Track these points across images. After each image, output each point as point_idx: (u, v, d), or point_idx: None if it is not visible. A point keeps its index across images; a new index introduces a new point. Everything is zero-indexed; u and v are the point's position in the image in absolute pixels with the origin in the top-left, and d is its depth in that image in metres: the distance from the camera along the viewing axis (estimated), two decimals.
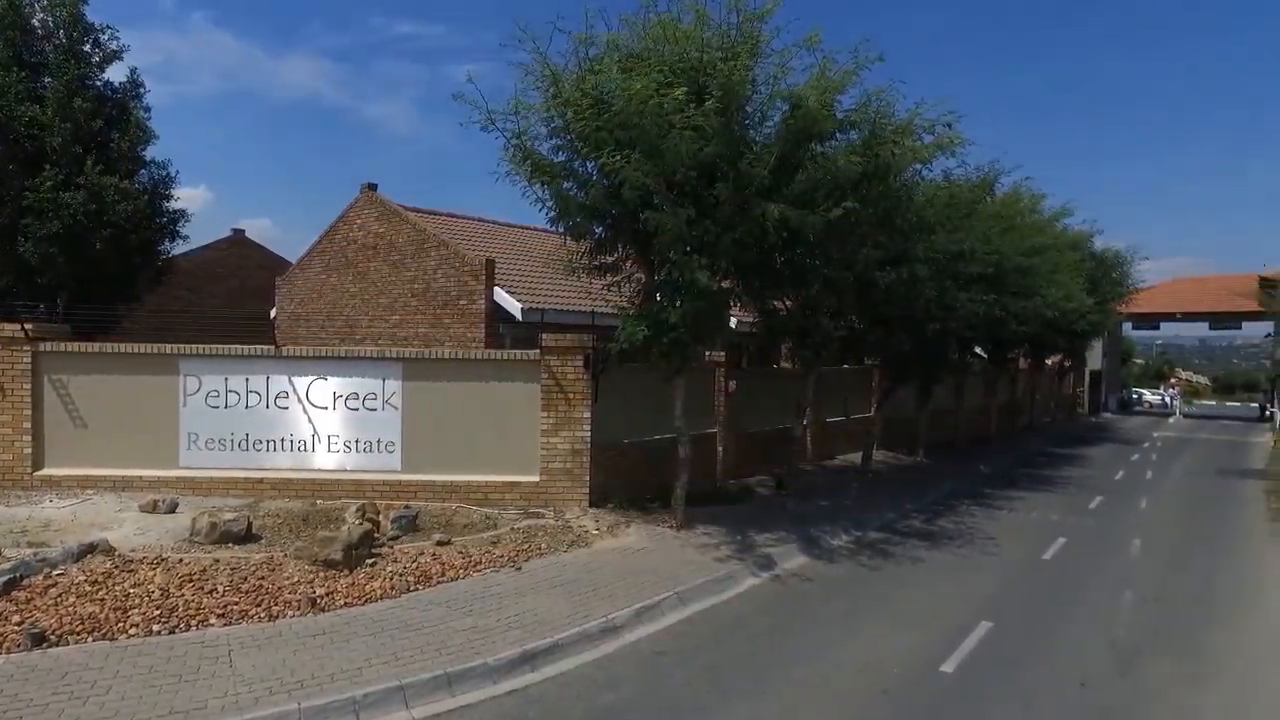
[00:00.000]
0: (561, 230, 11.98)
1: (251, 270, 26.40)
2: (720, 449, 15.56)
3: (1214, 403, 77.12)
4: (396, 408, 12.23)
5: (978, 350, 26.21)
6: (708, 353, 15.01)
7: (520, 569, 9.48)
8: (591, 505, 12.35)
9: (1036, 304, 19.78)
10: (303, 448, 12.11)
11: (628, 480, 13.27)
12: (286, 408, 12.11)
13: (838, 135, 11.30)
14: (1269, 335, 45.78)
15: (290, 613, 7.67)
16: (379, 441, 12.20)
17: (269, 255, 27.39)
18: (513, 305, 16.14)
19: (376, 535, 9.82)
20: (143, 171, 19.47)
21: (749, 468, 16.50)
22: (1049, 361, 36.47)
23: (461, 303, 16.76)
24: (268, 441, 12.07)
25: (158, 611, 7.40)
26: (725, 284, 11.91)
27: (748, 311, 15.43)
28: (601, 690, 6.81)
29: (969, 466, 21.08)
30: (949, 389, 24.84)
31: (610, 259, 12.82)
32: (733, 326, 17.11)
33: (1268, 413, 47.46)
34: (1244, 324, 49.25)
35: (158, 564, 8.58)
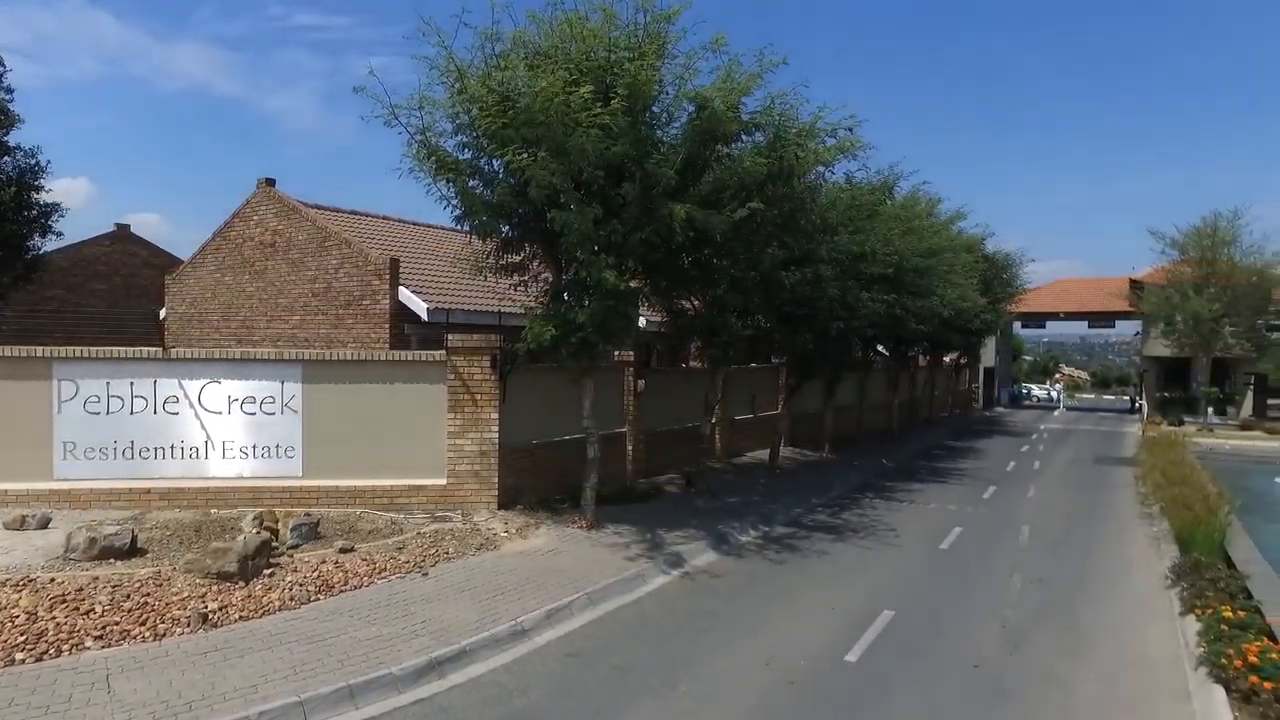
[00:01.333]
0: (467, 229, 11.78)
1: (137, 268, 24.96)
2: (630, 448, 15.61)
3: (1093, 396, 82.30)
4: (297, 411, 11.76)
5: (880, 348, 27.12)
6: (616, 352, 15.03)
7: (427, 574, 9.26)
8: (501, 507, 12.18)
9: (934, 303, 20.59)
10: (195, 455, 11.50)
11: (537, 481, 13.17)
12: (177, 413, 11.48)
13: (743, 137, 11.50)
14: (1138, 333, 49.12)
15: (179, 630, 7.27)
16: (278, 447, 11.71)
17: (157, 252, 25.94)
18: (418, 305, 15.76)
19: (275, 544, 9.42)
20: (6, 159, 18.09)
21: (659, 466, 16.61)
22: (946, 359, 38.08)
23: (365, 303, 16.27)
24: (156, 449, 11.40)
25: (22, 638, 6.81)
26: (633, 283, 11.94)
27: (656, 311, 15.53)
28: (511, 695, 6.71)
29: (872, 461, 21.79)
30: (853, 386, 25.64)
31: (517, 258, 12.69)
32: (642, 326, 17.21)
33: (1136, 404, 50.95)
34: (1117, 323, 52.81)
35: (24, 585, 7.94)
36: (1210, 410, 36.97)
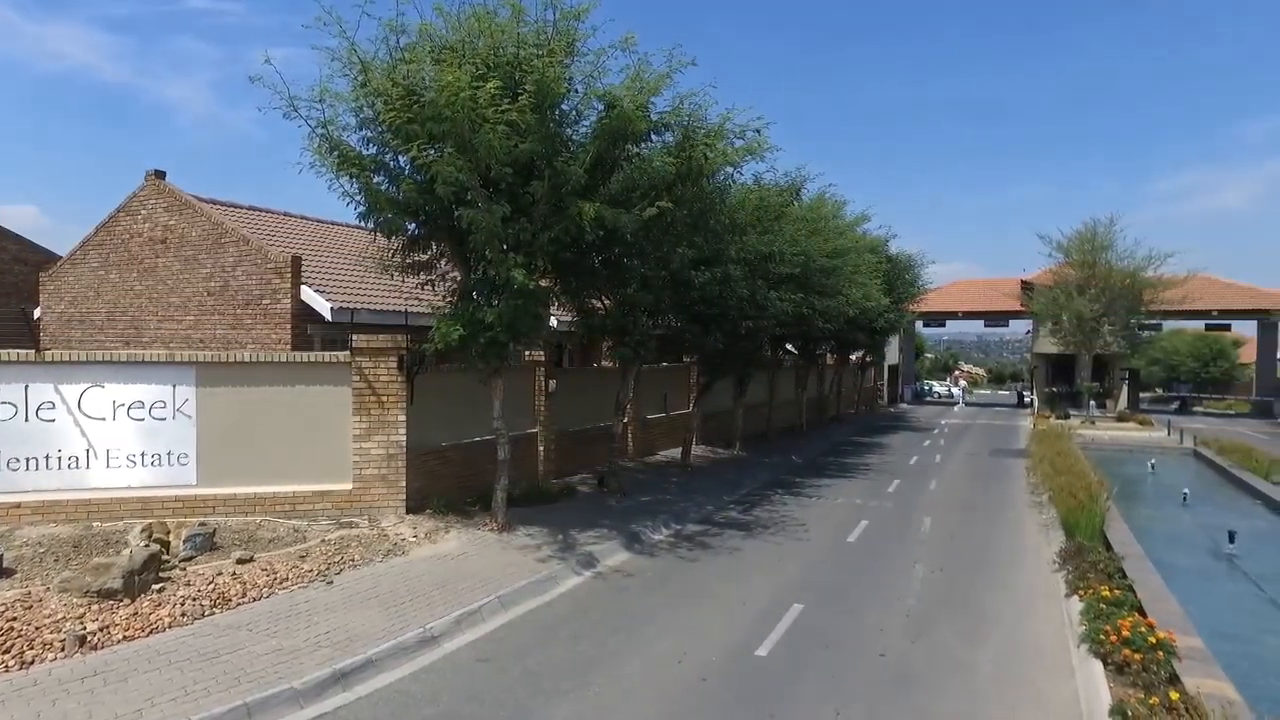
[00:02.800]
0: (372, 226, 11.44)
1: (6, 264, 23.20)
2: (542, 448, 15.48)
3: (989, 392, 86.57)
4: (190, 416, 11.18)
5: (789, 347, 27.71)
6: (527, 352, 14.88)
7: (331, 583, 8.95)
8: (409, 511, 11.89)
9: (840, 303, 21.12)
10: (74, 465, 10.77)
11: (447, 484, 12.91)
12: (53, 420, 10.73)
13: (652, 136, 11.54)
14: (1029, 332, 51.83)
15: (51, 655, 6.74)
16: (169, 454, 11.10)
17: (31, 247, 24.15)
18: (322, 305, 15.21)
19: (166, 557, 8.93)
20: None
21: (572, 466, 16.53)
22: (852, 357, 39.24)
23: (265, 302, 15.59)
24: (27, 460, 10.62)
25: None
26: (543, 283, 11.84)
27: (567, 310, 15.44)
28: (419, 704, 6.54)
29: (782, 458, 22.26)
30: (762, 384, 26.13)
31: (425, 256, 12.42)
32: (553, 326, 17.08)
33: (1025, 399, 53.77)
34: (1011, 322, 55.56)
35: None
36: (1092, 404, 39.29)
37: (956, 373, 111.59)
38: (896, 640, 8.25)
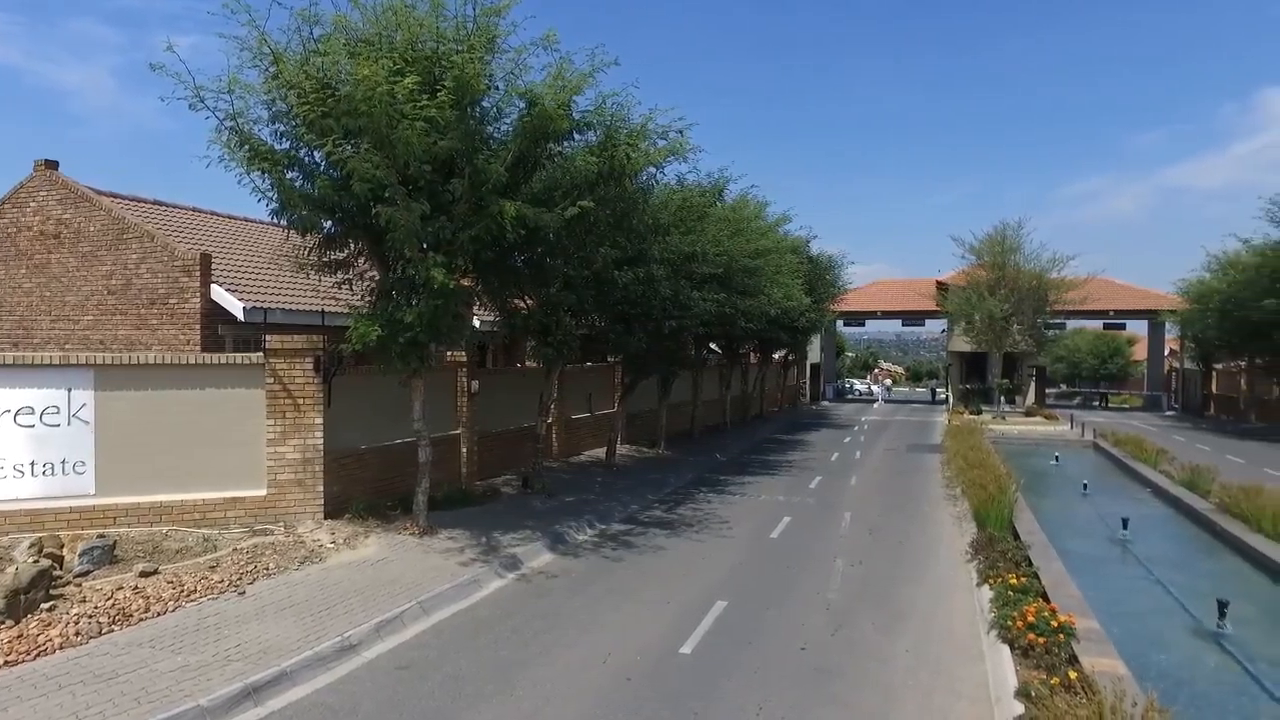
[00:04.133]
0: (286, 224, 11.07)
1: None
2: (465, 450, 15.25)
3: (907, 389, 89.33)
4: (87, 422, 10.59)
5: (713, 346, 28.00)
6: (449, 353, 14.64)
7: (244, 593, 8.62)
8: (327, 517, 11.55)
9: (762, 302, 21.43)
10: None
11: (367, 487, 12.61)
12: None
13: (575, 135, 11.49)
14: (944, 330, 53.73)
15: None
16: (64, 462, 10.49)
17: None
18: (233, 305, 14.62)
19: (59, 573, 8.44)
20: None
21: (495, 468, 16.35)
22: (775, 356, 39.92)
23: (172, 302, 14.90)
24: None
25: None
26: (465, 282, 11.67)
27: (490, 310, 15.27)
28: (337, 716, 6.35)
29: (706, 456, 22.49)
30: (687, 383, 26.34)
31: (342, 255, 12.10)
32: (476, 326, 16.86)
33: (937, 396, 55.77)
34: (927, 321, 57.58)
35: None
36: (1002, 400, 40.98)
37: (878, 370, 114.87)
38: (817, 634, 8.42)
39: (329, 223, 11.20)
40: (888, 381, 72.58)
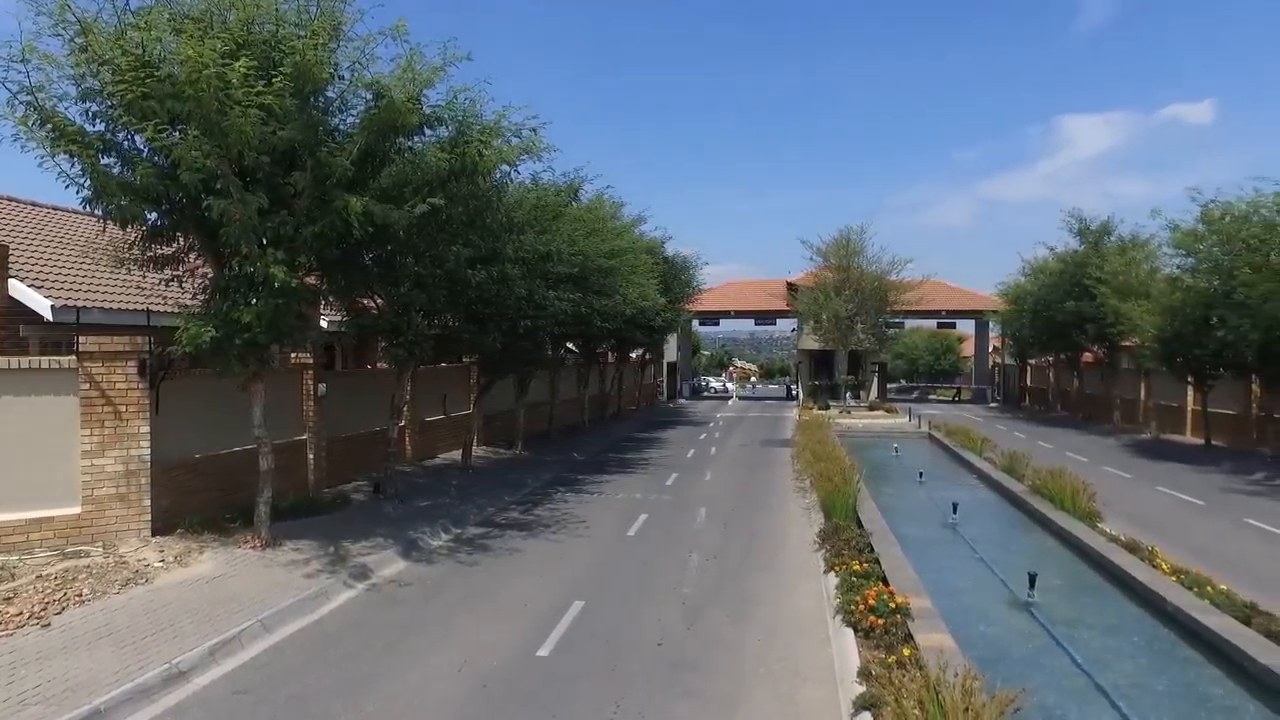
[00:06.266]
0: (101, 214, 10.11)
1: None
2: (312, 456, 14.50)
3: (761, 386, 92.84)
4: None
5: (570, 346, 27.98)
6: (293, 354, 13.88)
7: (49, 625, 7.80)
8: (155, 533, 10.68)
9: (618, 302, 21.64)
10: None
11: (203, 499, 11.75)
12: None
13: (425, 130, 11.15)
14: (794, 329, 56.20)
15: None
16: None
17: None
18: (39, 302, 13.22)
19: None
20: None
21: (346, 473, 15.66)
22: (633, 355, 40.42)
23: None
24: None
25: None
26: (309, 280, 11.09)
27: (338, 310, 14.60)
28: None
29: (564, 455, 22.45)
30: (544, 383, 26.20)
31: (170, 249, 11.22)
32: (323, 326, 16.08)
33: (792, 392, 58.35)
34: (778, 320, 59.95)
35: None
36: (848, 395, 43.31)
37: (730, 368, 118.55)
38: (673, 628, 8.57)
39: (154, 214, 10.32)
40: (753, 380, 75.12)
